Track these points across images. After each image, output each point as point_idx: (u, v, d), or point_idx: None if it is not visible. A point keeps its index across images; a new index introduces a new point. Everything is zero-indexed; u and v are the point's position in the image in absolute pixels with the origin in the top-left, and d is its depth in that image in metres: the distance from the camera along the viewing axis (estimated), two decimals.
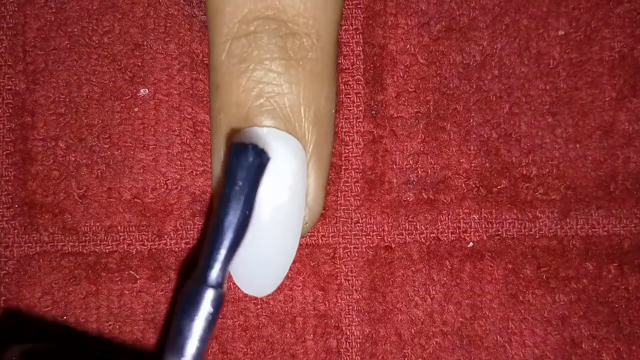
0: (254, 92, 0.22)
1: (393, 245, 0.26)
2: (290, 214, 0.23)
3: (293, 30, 0.22)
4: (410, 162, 0.26)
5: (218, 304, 0.18)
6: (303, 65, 0.22)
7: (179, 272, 0.26)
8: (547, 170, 0.26)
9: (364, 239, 0.26)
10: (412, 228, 0.26)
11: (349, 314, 0.26)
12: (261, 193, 0.21)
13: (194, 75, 0.26)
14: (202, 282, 0.18)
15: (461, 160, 0.26)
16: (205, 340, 0.18)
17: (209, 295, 0.18)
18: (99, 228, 0.26)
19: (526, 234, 0.26)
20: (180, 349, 0.18)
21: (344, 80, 0.26)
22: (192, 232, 0.26)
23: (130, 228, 0.26)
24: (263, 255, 0.23)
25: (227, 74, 0.22)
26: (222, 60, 0.23)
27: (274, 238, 0.23)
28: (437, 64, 0.26)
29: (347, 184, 0.26)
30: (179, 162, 0.26)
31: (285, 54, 0.22)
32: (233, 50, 0.22)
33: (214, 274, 0.18)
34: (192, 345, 0.18)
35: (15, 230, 0.26)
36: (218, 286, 0.18)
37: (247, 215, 0.19)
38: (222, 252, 0.18)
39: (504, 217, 0.26)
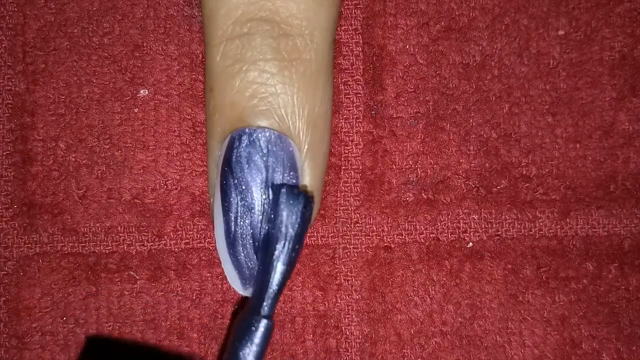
0: (247, 93, 0.22)
1: (392, 246, 0.26)
2: None
3: (286, 32, 0.22)
4: (410, 162, 0.26)
5: (269, 332, 0.21)
6: (297, 66, 0.22)
7: (177, 272, 0.26)
8: (547, 170, 0.26)
9: (363, 239, 0.26)
10: (412, 228, 0.26)
11: (349, 314, 0.26)
12: (254, 193, 0.22)
13: (194, 76, 0.26)
14: (256, 314, 0.21)
15: (461, 161, 0.26)
16: None
17: (263, 325, 0.21)
18: (99, 229, 0.26)
19: (526, 234, 0.26)
20: None
21: (343, 80, 0.26)
22: (191, 232, 0.26)
23: (130, 229, 0.26)
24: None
25: (221, 75, 0.22)
26: (217, 62, 0.23)
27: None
28: (437, 64, 0.26)
29: (347, 184, 0.26)
30: (178, 163, 0.26)
31: (279, 55, 0.22)
32: (227, 52, 0.22)
33: (267, 307, 0.21)
34: None
35: (15, 231, 0.26)
36: (269, 317, 0.21)
37: (297, 254, 0.22)
38: (274, 288, 0.21)
39: (503, 217, 0.26)
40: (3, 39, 0.26)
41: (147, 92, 0.26)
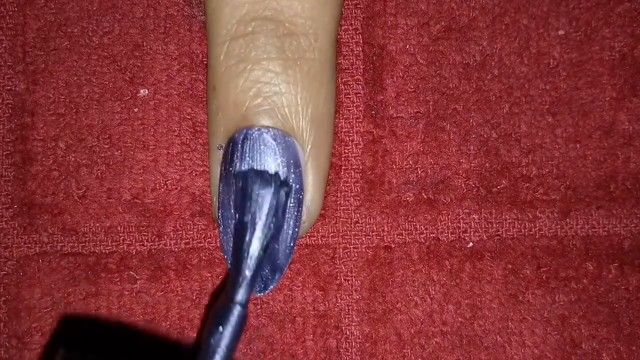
0: (251, 92, 0.22)
1: (393, 246, 0.26)
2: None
3: (291, 31, 0.22)
4: (410, 162, 0.26)
5: (242, 320, 0.21)
6: (301, 65, 0.22)
7: (178, 272, 0.26)
8: (547, 170, 0.26)
9: (363, 239, 0.26)
10: (412, 228, 0.26)
11: (349, 314, 0.26)
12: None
13: (194, 76, 0.26)
14: (230, 301, 0.21)
15: (461, 160, 0.26)
16: (232, 350, 0.20)
17: (236, 311, 0.21)
18: (99, 228, 0.26)
19: (526, 234, 0.26)
20: (209, 357, 0.20)
21: (343, 80, 0.26)
22: (191, 232, 0.26)
23: (130, 228, 0.26)
24: None
25: (225, 74, 0.23)
26: (220, 61, 0.23)
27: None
28: (437, 64, 0.26)
29: (347, 184, 0.26)
30: (178, 163, 0.26)
31: (283, 54, 0.22)
32: (231, 51, 0.22)
33: (240, 294, 0.21)
34: (219, 354, 0.20)
35: (15, 231, 0.26)
36: (243, 305, 0.21)
37: (270, 241, 0.22)
38: (247, 276, 0.21)
39: (503, 217, 0.26)
40: (3, 39, 0.26)
41: (147, 92, 0.26)
